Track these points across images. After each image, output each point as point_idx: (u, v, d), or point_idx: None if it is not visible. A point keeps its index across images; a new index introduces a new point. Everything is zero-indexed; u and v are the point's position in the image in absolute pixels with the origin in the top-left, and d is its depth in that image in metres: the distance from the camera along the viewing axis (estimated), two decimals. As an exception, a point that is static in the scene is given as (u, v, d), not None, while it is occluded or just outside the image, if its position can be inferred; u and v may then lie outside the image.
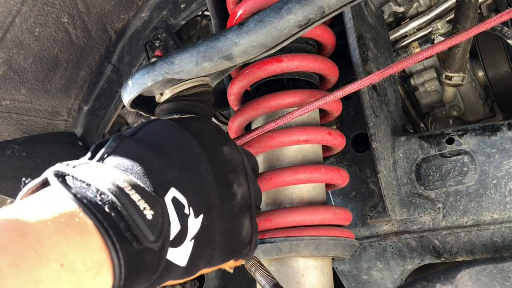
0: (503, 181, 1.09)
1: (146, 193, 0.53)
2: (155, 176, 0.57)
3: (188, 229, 0.59)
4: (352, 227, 1.18)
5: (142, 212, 0.51)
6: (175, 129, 0.67)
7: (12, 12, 1.27)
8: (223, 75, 0.95)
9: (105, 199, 0.49)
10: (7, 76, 1.40)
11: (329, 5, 0.74)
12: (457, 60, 1.41)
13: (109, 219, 0.49)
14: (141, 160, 0.57)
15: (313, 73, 1.02)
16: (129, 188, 0.52)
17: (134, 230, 0.50)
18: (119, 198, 0.50)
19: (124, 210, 0.49)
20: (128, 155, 0.58)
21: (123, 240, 0.49)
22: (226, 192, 0.67)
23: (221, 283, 1.50)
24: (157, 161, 0.59)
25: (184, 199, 0.59)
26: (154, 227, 0.52)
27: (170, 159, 0.61)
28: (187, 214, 0.59)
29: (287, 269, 0.92)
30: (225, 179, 0.68)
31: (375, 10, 1.26)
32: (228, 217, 0.67)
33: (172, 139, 0.65)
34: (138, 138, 0.64)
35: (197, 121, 0.73)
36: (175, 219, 0.57)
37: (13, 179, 1.50)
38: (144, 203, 0.51)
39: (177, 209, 0.58)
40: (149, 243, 0.51)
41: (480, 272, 1.04)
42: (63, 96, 1.59)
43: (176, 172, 0.60)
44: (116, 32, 1.56)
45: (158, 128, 0.67)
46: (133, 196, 0.51)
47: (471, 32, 0.79)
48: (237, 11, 0.94)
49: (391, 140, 1.17)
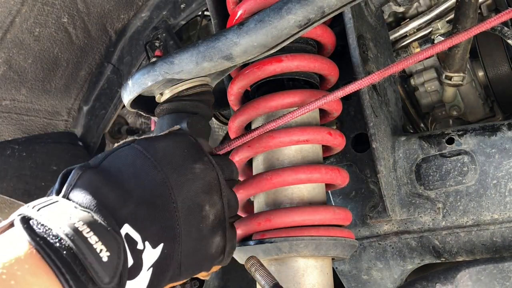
0: (503, 181, 1.09)
1: (104, 233, 0.56)
2: (110, 213, 0.59)
3: (143, 262, 0.61)
4: (352, 227, 1.18)
5: (98, 254, 0.54)
6: (139, 157, 0.67)
7: (12, 12, 1.27)
8: (223, 75, 0.95)
9: (63, 245, 0.53)
10: (7, 76, 1.40)
11: (329, 5, 0.74)
12: (457, 60, 1.41)
13: (67, 264, 0.52)
14: (98, 195, 0.60)
15: (313, 73, 1.02)
16: (87, 231, 0.54)
17: (90, 273, 0.53)
18: (76, 243, 0.53)
19: (81, 254, 0.52)
20: (87, 189, 0.60)
21: (79, 283, 0.52)
22: (194, 216, 0.67)
23: (221, 283, 1.50)
24: (114, 196, 0.61)
25: (137, 235, 0.60)
26: (109, 268, 0.54)
27: (127, 193, 0.62)
28: (140, 250, 0.60)
29: (287, 269, 0.92)
30: (194, 203, 0.68)
31: (375, 10, 1.26)
32: (195, 240, 0.68)
33: (133, 170, 0.65)
34: (102, 168, 0.65)
35: (169, 139, 0.72)
36: (130, 254, 0.59)
37: (13, 179, 1.50)
38: (100, 244, 0.54)
39: (130, 245, 0.59)
40: (104, 284, 0.54)
41: (480, 272, 1.04)
42: (63, 96, 1.59)
43: (131, 207, 0.61)
44: (116, 32, 1.56)
45: (122, 156, 0.67)
46: (90, 238, 0.54)
47: (471, 32, 0.79)
48: (237, 11, 0.94)
49: (391, 140, 1.17)
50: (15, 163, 1.51)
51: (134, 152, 0.68)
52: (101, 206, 0.58)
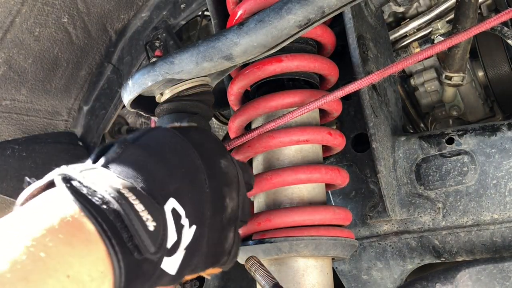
0: (503, 181, 1.09)
1: (149, 203, 0.54)
2: (157, 186, 0.57)
3: (182, 239, 0.60)
4: (352, 227, 1.18)
5: (145, 223, 0.52)
6: (178, 138, 0.67)
7: (12, 12, 1.27)
8: (223, 75, 0.95)
9: (111, 208, 0.50)
10: (7, 76, 1.40)
11: (329, 5, 0.74)
12: (457, 60, 1.41)
13: (113, 228, 0.50)
14: (144, 169, 0.58)
15: (313, 73, 1.02)
16: (133, 198, 0.52)
17: (136, 240, 0.51)
18: (124, 208, 0.50)
19: (128, 220, 0.50)
20: (132, 162, 0.58)
21: (125, 250, 0.50)
22: (219, 205, 0.68)
23: (221, 283, 1.50)
24: (160, 170, 0.60)
25: (182, 210, 0.60)
26: (155, 238, 0.53)
27: (172, 168, 0.62)
28: (183, 225, 0.60)
29: (287, 269, 0.92)
30: (219, 192, 0.69)
31: (375, 10, 1.26)
32: (217, 229, 0.68)
33: (175, 148, 0.66)
34: (142, 145, 0.64)
35: (198, 131, 0.74)
36: (172, 229, 0.58)
37: (13, 179, 1.50)
38: (147, 214, 0.52)
39: (175, 219, 0.58)
40: (150, 254, 0.52)
41: (480, 272, 1.04)
42: (63, 96, 1.59)
43: (177, 182, 0.61)
44: (116, 32, 1.56)
45: (161, 135, 0.68)
46: (137, 206, 0.52)
47: (471, 32, 0.79)
48: (237, 11, 0.94)
49: (391, 140, 1.17)
50: (15, 163, 1.51)
51: (171, 134, 0.68)
52: (147, 179, 0.57)
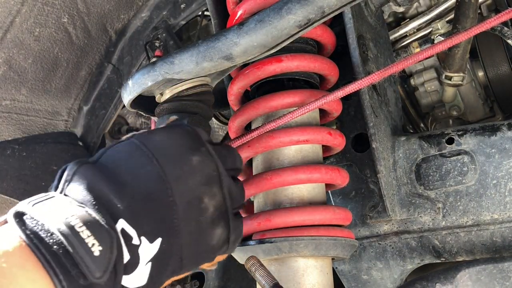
0: (503, 181, 1.09)
1: (96, 227, 0.56)
2: (105, 208, 0.59)
3: (139, 257, 0.60)
4: (352, 227, 1.18)
5: (90, 249, 0.54)
6: (136, 151, 0.66)
7: (12, 12, 1.27)
8: (223, 75, 0.95)
9: (55, 240, 0.53)
10: (7, 76, 1.40)
11: (329, 5, 0.74)
12: (457, 60, 1.41)
13: (58, 258, 0.52)
14: (93, 191, 0.60)
15: (313, 73, 1.02)
16: (80, 225, 0.54)
17: (81, 267, 0.53)
18: (68, 238, 0.53)
19: (72, 248, 0.53)
20: (82, 184, 0.60)
21: (70, 278, 0.52)
22: (193, 209, 0.67)
23: (221, 283, 1.50)
24: (108, 191, 0.61)
25: (132, 230, 0.60)
26: (101, 262, 0.54)
27: (122, 187, 0.62)
28: (136, 245, 0.60)
29: (287, 269, 0.92)
30: (191, 195, 0.67)
31: (375, 10, 1.26)
32: (195, 233, 0.67)
33: (129, 164, 0.65)
34: (100, 164, 0.65)
35: (166, 132, 0.72)
36: (125, 249, 0.59)
37: (13, 179, 1.50)
38: (93, 239, 0.54)
39: (126, 240, 0.59)
40: (95, 279, 0.54)
41: (480, 272, 1.04)
42: (63, 96, 1.59)
43: (126, 202, 0.61)
44: (116, 32, 1.56)
45: (120, 149, 0.67)
46: (82, 233, 0.54)
47: (471, 32, 0.79)
48: (237, 11, 0.94)
49: (391, 140, 1.17)
50: (15, 163, 1.51)
51: (130, 147, 0.67)
52: (96, 201, 0.58)
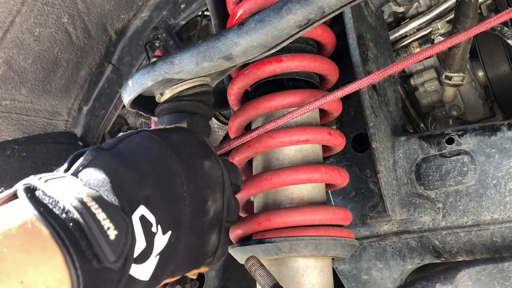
0: (503, 181, 1.09)
1: (112, 211, 0.54)
2: (125, 193, 0.57)
3: (154, 246, 0.60)
4: (352, 227, 1.18)
5: (106, 231, 0.52)
6: (155, 143, 0.67)
7: (12, 12, 1.27)
8: (223, 75, 0.95)
9: (70, 217, 0.51)
10: (7, 76, 1.40)
11: (329, 5, 0.74)
12: (457, 60, 1.41)
13: (72, 237, 0.50)
14: (113, 176, 0.58)
15: (313, 73, 1.02)
16: (96, 207, 0.53)
17: (95, 249, 0.51)
18: (84, 217, 0.51)
19: (87, 228, 0.50)
20: (101, 169, 0.58)
21: (83, 258, 0.50)
22: (198, 208, 0.68)
23: (221, 283, 1.50)
24: (130, 177, 0.60)
25: (152, 217, 0.59)
26: (116, 247, 0.53)
27: (144, 175, 0.62)
28: (154, 232, 0.60)
29: (287, 269, 0.92)
30: (199, 195, 0.68)
31: (375, 10, 1.26)
32: (197, 233, 0.68)
33: (150, 154, 0.65)
34: (116, 151, 0.64)
35: (180, 133, 0.73)
36: (141, 237, 0.58)
37: (13, 179, 1.50)
38: (109, 222, 0.53)
39: (144, 227, 0.58)
40: (109, 263, 0.52)
41: (480, 272, 1.04)
42: (63, 96, 1.59)
43: (148, 189, 0.61)
44: (116, 32, 1.56)
45: (137, 141, 0.67)
46: (98, 215, 0.52)
47: (471, 32, 0.79)
48: (237, 11, 0.94)
49: (391, 140, 1.17)
50: (15, 163, 1.51)
51: (149, 139, 0.67)
52: (116, 186, 0.57)
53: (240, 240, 0.98)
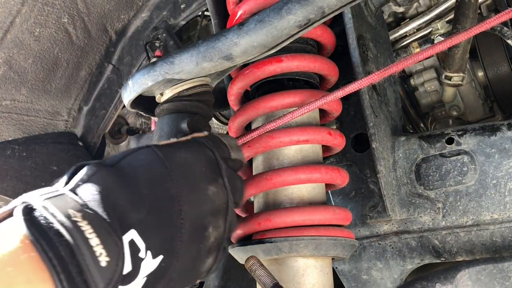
0: (503, 181, 1.09)
1: (106, 236, 0.54)
2: (118, 215, 0.57)
3: (140, 270, 0.59)
4: (352, 227, 1.18)
5: (97, 258, 0.52)
6: (158, 163, 0.65)
7: (12, 12, 1.27)
8: (223, 75, 0.95)
9: (64, 242, 0.51)
10: (7, 76, 1.40)
11: (329, 5, 0.74)
12: (457, 60, 1.41)
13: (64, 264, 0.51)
14: (109, 197, 0.58)
15: (313, 73, 1.02)
16: (90, 231, 0.53)
17: (86, 276, 0.51)
18: (77, 243, 0.51)
19: (80, 255, 0.51)
20: (99, 188, 0.58)
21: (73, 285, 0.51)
22: (197, 235, 0.66)
23: (221, 283, 1.50)
24: (126, 199, 0.59)
25: (142, 243, 0.59)
26: (105, 274, 0.53)
27: (140, 198, 0.61)
28: (141, 258, 0.59)
29: (287, 269, 0.92)
30: (199, 223, 0.67)
31: (375, 10, 1.26)
32: (192, 258, 0.67)
33: (150, 175, 0.64)
34: (118, 169, 0.63)
35: (189, 150, 0.70)
36: (128, 260, 0.58)
37: (13, 179, 1.50)
38: (101, 248, 0.53)
39: (132, 251, 0.58)
40: None
41: (480, 272, 1.04)
42: (63, 96, 1.59)
43: (142, 213, 0.60)
44: (116, 32, 1.56)
45: (140, 158, 0.66)
46: (92, 240, 0.53)
47: (471, 32, 0.79)
48: (237, 11, 0.94)
49: (391, 140, 1.17)
50: (15, 163, 1.51)
51: (153, 158, 0.66)
52: (110, 208, 0.57)
53: (240, 240, 0.98)
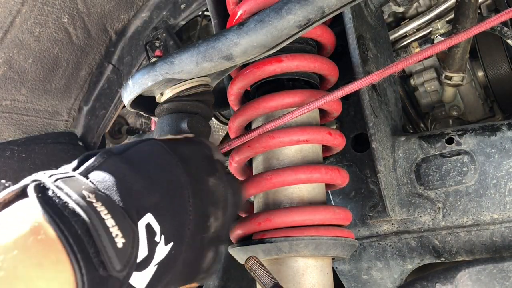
0: (503, 181, 1.09)
1: (121, 218, 0.53)
2: (133, 200, 0.57)
3: (154, 255, 0.59)
4: (352, 227, 1.18)
5: (114, 239, 0.51)
6: (165, 153, 0.66)
7: (12, 12, 1.27)
8: (223, 75, 0.95)
9: (80, 221, 0.50)
10: (7, 76, 1.40)
11: (329, 5, 0.74)
12: (457, 60, 1.41)
13: (80, 243, 0.49)
14: (123, 181, 0.57)
15: (313, 73, 1.02)
16: (105, 212, 0.52)
17: (103, 257, 0.50)
18: (94, 223, 0.50)
19: (96, 235, 0.50)
20: (112, 173, 0.58)
21: (90, 266, 0.50)
22: (201, 224, 0.67)
23: (221, 283, 1.50)
24: (140, 184, 0.59)
25: (157, 226, 0.59)
26: (122, 256, 0.52)
27: (153, 183, 0.61)
28: (157, 242, 0.59)
29: (287, 269, 0.92)
30: (203, 211, 0.68)
31: (375, 10, 1.26)
32: (196, 249, 0.67)
33: (159, 163, 0.65)
34: (126, 157, 0.63)
35: (188, 145, 0.72)
36: (144, 245, 0.57)
37: (13, 180, 1.49)
38: (117, 229, 0.52)
39: (149, 235, 0.58)
40: (115, 272, 0.51)
41: (480, 272, 1.04)
42: (63, 96, 1.59)
43: (157, 197, 0.60)
44: (116, 32, 1.56)
45: (147, 149, 0.67)
46: (107, 221, 0.52)
47: (471, 32, 0.79)
48: (237, 11, 0.94)
49: (391, 140, 1.17)
50: (14, 164, 1.51)
51: (158, 148, 0.67)
52: (124, 192, 0.56)
53: (240, 240, 0.98)
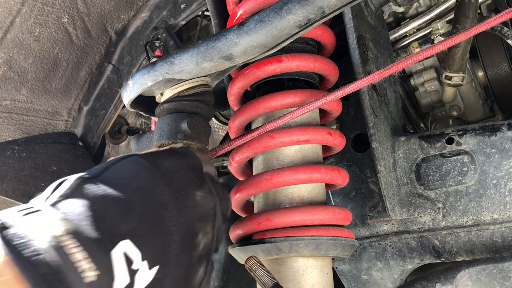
0: (503, 181, 1.09)
1: (93, 249, 0.51)
2: (107, 227, 0.55)
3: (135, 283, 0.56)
4: (352, 227, 1.18)
5: (80, 274, 0.49)
6: (144, 170, 0.64)
7: (12, 12, 1.27)
8: (223, 75, 0.95)
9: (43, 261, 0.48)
10: (7, 76, 1.40)
11: (329, 5, 0.74)
12: (457, 60, 1.41)
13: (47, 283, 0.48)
14: (97, 208, 0.55)
15: (313, 73, 1.02)
16: (74, 245, 0.50)
17: None
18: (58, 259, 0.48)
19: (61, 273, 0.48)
20: (83, 200, 0.56)
21: None
22: (188, 242, 0.65)
23: (221, 283, 1.50)
24: (114, 210, 0.57)
25: (137, 253, 0.57)
26: None
27: (130, 207, 0.59)
28: (134, 270, 0.56)
29: (287, 269, 0.92)
30: (190, 229, 0.65)
31: (375, 10, 1.26)
32: (184, 268, 0.65)
33: (138, 184, 0.62)
34: (102, 180, 0.60)
35: (173, 158, 0.69)
36: (124, 273, 0.55)
37: (13, 180, 1.50)
38: (88, 262, 0.50)
39: (128, 263, 0.55)
40: None
41: (480, 272, 1.04)
42: (63, 96, 1.59)
43: (134, 222, 0.58)
44: (116, 32, 1.56)
45: (126, 168, 0.64)
46: (76, 255, 0.50)
47: (471, 32, 0.79)
48: (237, 11, 0.94)
49: (391, 140, 1.17)
50: (15, 164, 1.51)
51: (138, 166, 0.64)
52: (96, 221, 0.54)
53: (240, 240, 0.98)
